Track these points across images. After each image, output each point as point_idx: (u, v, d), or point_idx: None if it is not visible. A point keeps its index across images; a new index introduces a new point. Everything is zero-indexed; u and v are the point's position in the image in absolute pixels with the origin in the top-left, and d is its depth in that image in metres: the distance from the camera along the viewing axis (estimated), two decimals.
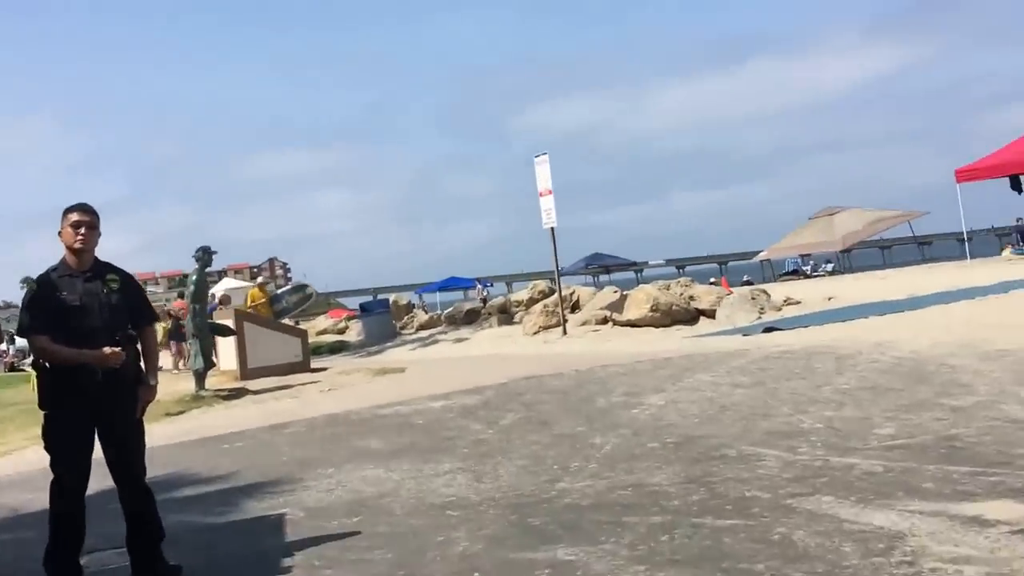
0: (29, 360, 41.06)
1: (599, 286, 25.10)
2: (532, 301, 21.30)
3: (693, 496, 5.57)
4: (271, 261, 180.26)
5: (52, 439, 4.78)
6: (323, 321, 31.00)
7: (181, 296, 26.40)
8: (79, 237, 4.86)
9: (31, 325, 4.79)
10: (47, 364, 4.78)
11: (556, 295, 19.74)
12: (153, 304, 5.75)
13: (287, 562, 5.06)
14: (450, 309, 27.83)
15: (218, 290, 20.95)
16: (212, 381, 15.18)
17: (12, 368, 37.73)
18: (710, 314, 17.06)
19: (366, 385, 13.73)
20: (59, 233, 4.96)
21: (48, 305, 4.78)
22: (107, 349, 4.71)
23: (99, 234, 5.00)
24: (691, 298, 17.53)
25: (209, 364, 14.82)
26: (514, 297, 22.94)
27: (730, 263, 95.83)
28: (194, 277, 15.35)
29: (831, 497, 5.19)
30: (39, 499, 5.27)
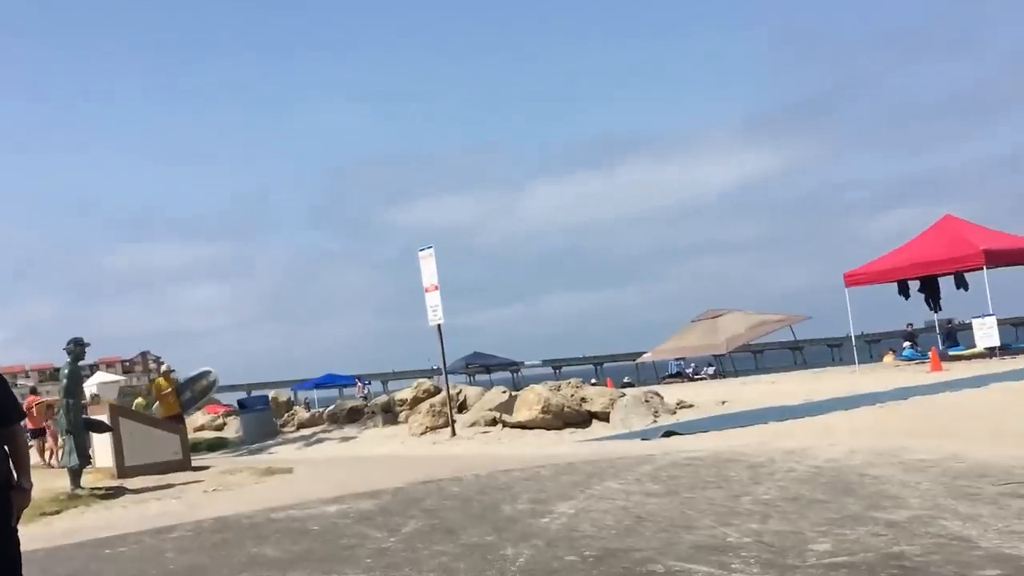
0: None
1: (477, 386, 25.11)
2: (416, 400, 21.09)
3: None
4: (143, 355, 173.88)
5: None
6: (200, 417, 29.99)
7: (34, 391, 25.32)
8: None
9: None
10: None
11: (443, 394, 19.65)
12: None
13: None
14: (332, 407, 27.31)
15: (90, 384, 19.77)
16: (88, 479, 14.48)
17: None
18: (603, 417, 17.20)
19: (253, 486, 13.30)
20: None
21: None
22: None
23: None
24: (583, 400, 17.67)
25: (85, 461, 14.15)
26: (398, 396, 22.71)
27: (605, 364, 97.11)
28: (66, 370, 14.78)
29: None
30: None
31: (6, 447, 4.53)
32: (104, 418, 15.97)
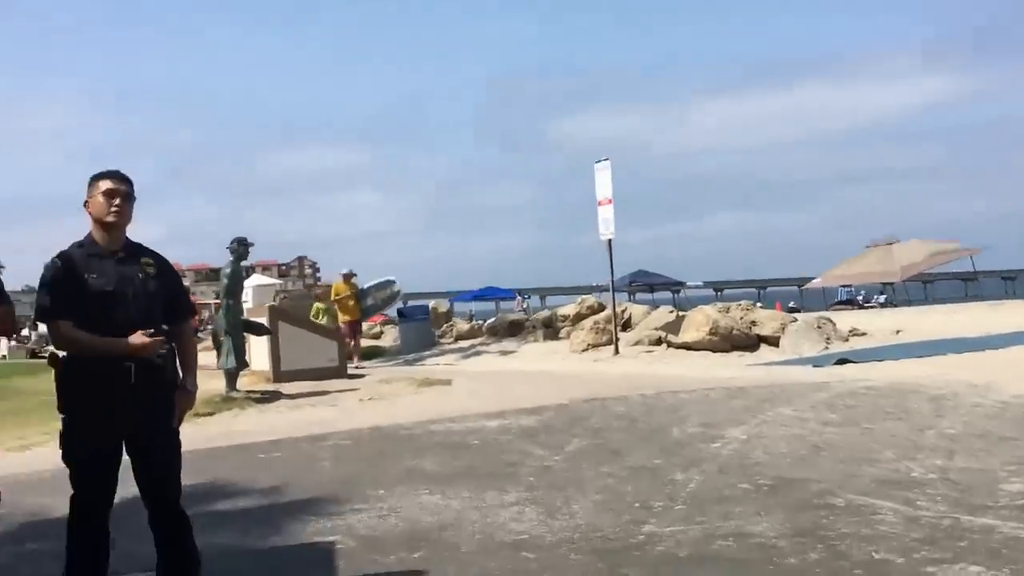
0: (46, 266, 40.22)
1: (638, 304, 24.17)
2: (579, 316, 20.47)
3: (811, 554, 4.82)
4: (300, 260, 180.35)
5: (72, 451, 3.99)
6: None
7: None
8: (113, 208, 4.04)
9: (52, 308, 3.96)
10: (69, 356, 4.00)
11: (607, 311, 18.90)
12: None
13: None
14: (492, 320, 26.99)
15: (246, 286, 18.61)
16: (243, 381, 14.44)
17: (33, 355, 37.02)
18: (772, 341, 16.17)
19: (411, 397, 12.93)
20: (85, 204, 4.12)
21: (72, 288, 3.96)
22: (139, 336, 3.90)
23: (133, 206, 4.18)
24: (752, 323, 16.65)
25: (242, 364, 14.04)
26: (560, 311, 22.09)
27: (768, 288, 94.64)
28: (228, 270, 14.41)
29: (980, 568, 4.44)
30: (59, 505, 4.51)
31: (174, 344, 4.17)
32: (263, 320, 15.90)
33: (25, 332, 49.55)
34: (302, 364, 16.04)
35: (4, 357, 36.83)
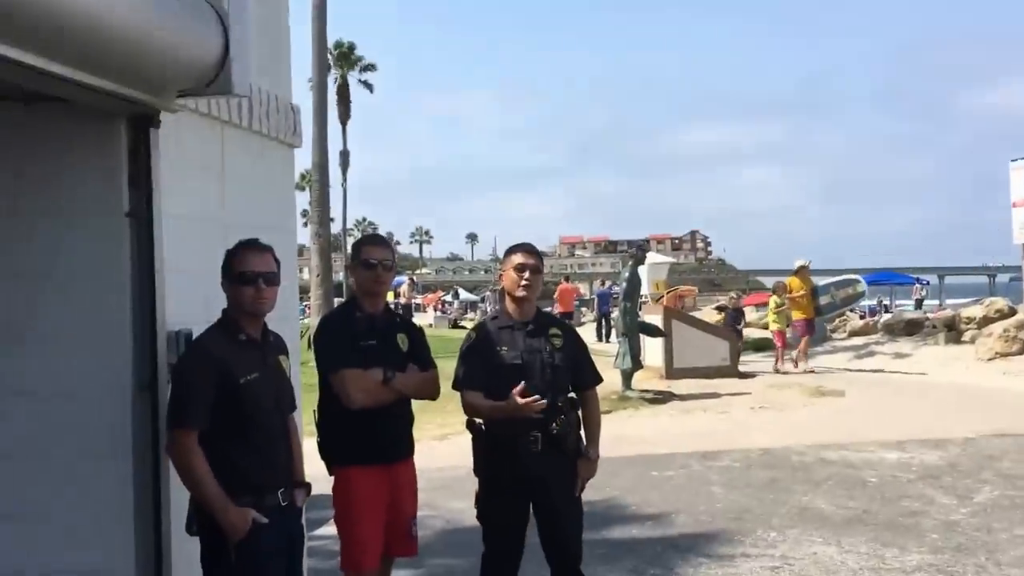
0: (472, 316, 44.16)
1: None
2: (986, 320, 18.56)
3: None
4: (693, 234, 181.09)
5: (485, 513, 4.37)
6: (749, 313, 29.88)
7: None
8: (523, 283, 4.32)
9: (463, 379, 4.33)
10: (482, 426, 4.34)
11: (1020, 316, 17.07)
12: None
13: None
14: (888, 316, 25.39)
15: (643, 268, 17.78)
16: (637, 377, 14.86)
17: (455, 324, 39.75)
18: None
19: (801, 409, 12.59)
20: (499, 276, 4.52)
21: (485, 359, 4.30)
22: (521, 399, 4.05)
23: (543, 279, 4.47)
24: None
25: (637, 365, 14.49)
26: (964, 313, 20.24)
27: None
28: (626, 274, 15.05)
29: None
30: (468, 513, 4.86)
31: (580, 412, 4.42)
32: (658, 320, 16.26)
33: (448, 298, 53.98)
34: (694, 363, 16.19)
35: (431, 326, 40.07)
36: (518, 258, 4.38)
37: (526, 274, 4.34)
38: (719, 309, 18.17)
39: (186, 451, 3.16)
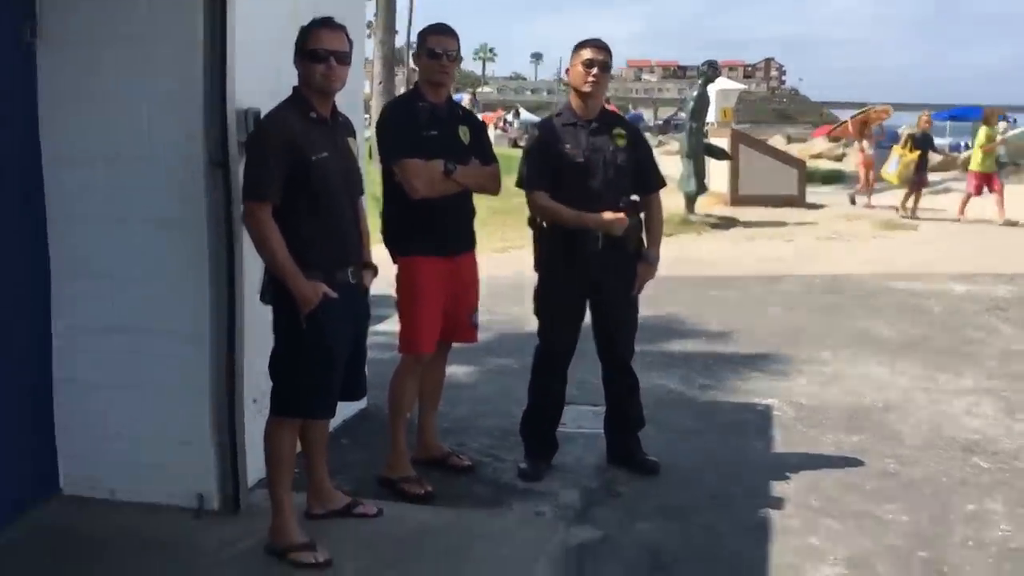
0: (528, 136, 43.27)
1: None
2: None
3: None
4: (767, 62, 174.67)
5: (542, 307, 4.45)
6: (820, 143, 29.13)
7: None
8: (590, 79, 4.24)
9: (529, 178, 4.33)
10: (543, 224, 4.36)
11: None
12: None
13: (775, 487, 4.37)
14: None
15: (710, 89, 16.43)
16: (701, 202, 14.72)
17: (515, 144, 39.48)
18: None
19: (871, 240, 12.41)
20: (566, 71, 4.45)
21: (549, 158, 4.29)
22: (609, 214, 4.18)
23: (611, 76, 4.41)
24: None
25: (701, 188, 14.29)
26: None
27: None
28: (695, 92, 14.62)
29: None
30: (525, 317, 4.93)
31: (642, 215, 4.44)
32: (724, 144, 15.90)
33: (509, 117, 53.41)
34: (761, 190, 15.91)
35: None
36: (587, 53, 4.28)
37: (594, 70, 4.26)
38: (909, 138, 14.76)
39: (261, 222, 3.23)
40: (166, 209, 3.59)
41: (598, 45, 4.32)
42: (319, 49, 3.30)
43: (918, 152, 14.97)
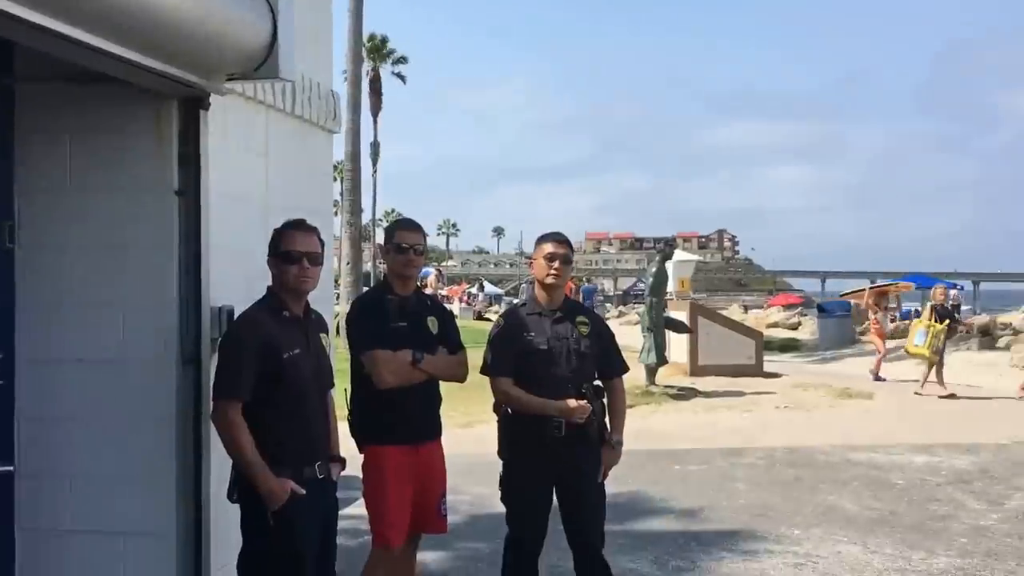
0: (496, 309, 44.32)
1: None
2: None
3: None
4: (720, 233, 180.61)
5: (508, 494, 4.44)
6: (775, 313, 29.86)
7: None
8: (552, 271, 4.41)
9: (493, 365, 4.42)
10: (508, 410, 4.42)
11: None
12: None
13: None
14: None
15: (668, 264, 16.84)
16: (662, 372, 14.91)
17: (480, 316, 39.80)
18: None
19: (828, 410, 12.58)
20: (529, 264, 4.63)
21: (514, 345, 4.39)
22: (572, 402, 4.26)
23: (572, 268, 4.60)
24: None
25: (661, 360, 14.55)
26: (1000, 319, 20.13)
27: None
28: (653, 269, 15.19)
29: None
30: (492, 498, 4.88)
31: (604, 400, 4.50)
32: (684, 316, 16.26)
33: (473, 290, 54.02)
34: (720, 360, 16.22)
35: (456, 317, 40.12)
36: (548, 247, 4.46)
37: (556, 263, 4.42)
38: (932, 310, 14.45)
39: (230, 421, 3.25)
40: (138, 407, 3.59)
41: (559, 239, 4.50)
42: (292, 251, 3.42)
43: (947, 322, 14.83)
